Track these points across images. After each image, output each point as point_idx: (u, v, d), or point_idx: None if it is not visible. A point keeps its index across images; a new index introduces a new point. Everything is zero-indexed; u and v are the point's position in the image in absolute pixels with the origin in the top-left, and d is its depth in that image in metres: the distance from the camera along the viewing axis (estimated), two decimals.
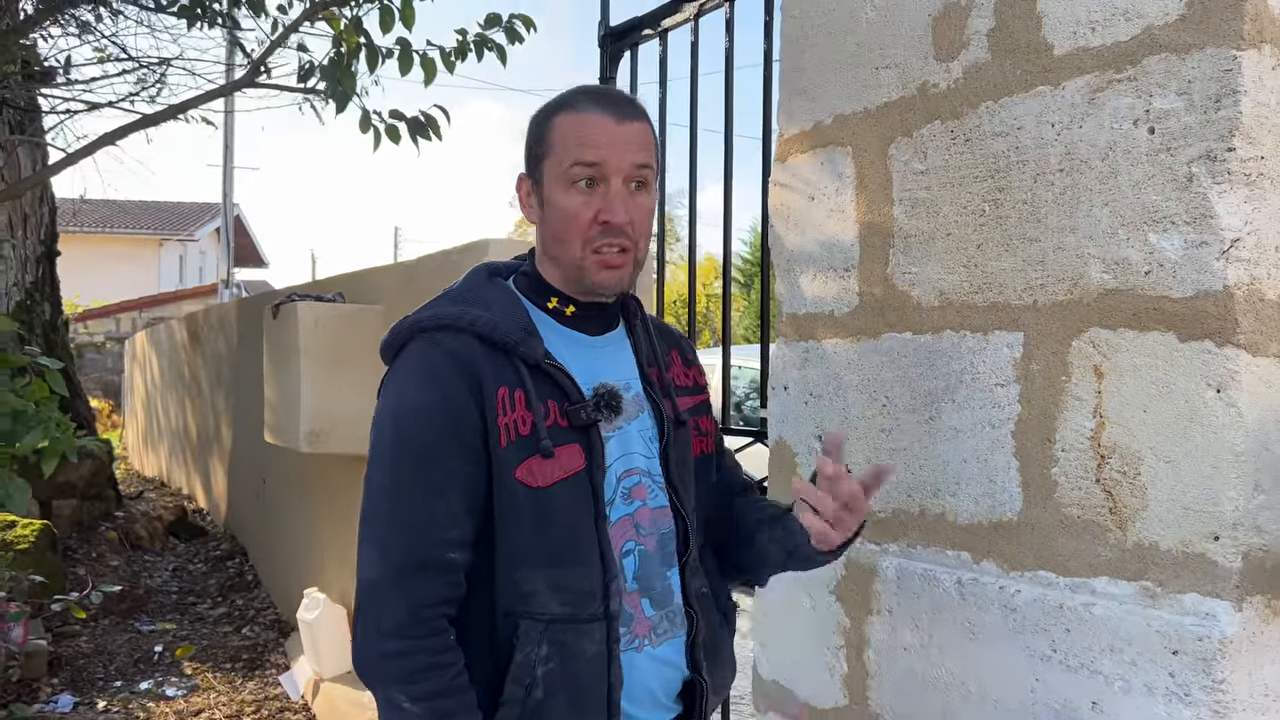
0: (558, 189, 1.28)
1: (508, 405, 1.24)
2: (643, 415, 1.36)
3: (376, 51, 3.65)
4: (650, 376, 1.38)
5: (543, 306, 1.34)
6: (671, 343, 1.50)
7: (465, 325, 1.27)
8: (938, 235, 1.58)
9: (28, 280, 7.38)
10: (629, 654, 1.29)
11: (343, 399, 3.63)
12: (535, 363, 1.27)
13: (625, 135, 1.28)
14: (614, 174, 1.27)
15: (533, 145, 1.33)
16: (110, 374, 16.10)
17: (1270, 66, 1.24)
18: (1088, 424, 1.37)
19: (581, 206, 1.27)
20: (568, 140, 1.28)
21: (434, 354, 1.27)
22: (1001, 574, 1.48)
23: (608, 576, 1.27)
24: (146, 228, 23.53)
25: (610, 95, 1.35)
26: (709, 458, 1.47)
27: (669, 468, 1.36)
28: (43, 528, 5.14)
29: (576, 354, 1.32)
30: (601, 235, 1.27)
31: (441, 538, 1.22)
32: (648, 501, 1.34)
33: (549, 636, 1.24)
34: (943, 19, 1.57)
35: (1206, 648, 1.22)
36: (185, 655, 4.88)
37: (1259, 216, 1.25)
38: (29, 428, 2.17)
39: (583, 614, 1.25)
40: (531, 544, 1.24)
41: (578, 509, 1.26)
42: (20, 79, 5.09)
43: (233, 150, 14.92)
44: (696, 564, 1.38)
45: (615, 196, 1.27)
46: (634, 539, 1.32)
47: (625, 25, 2.56)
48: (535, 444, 1.24)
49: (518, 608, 1.24)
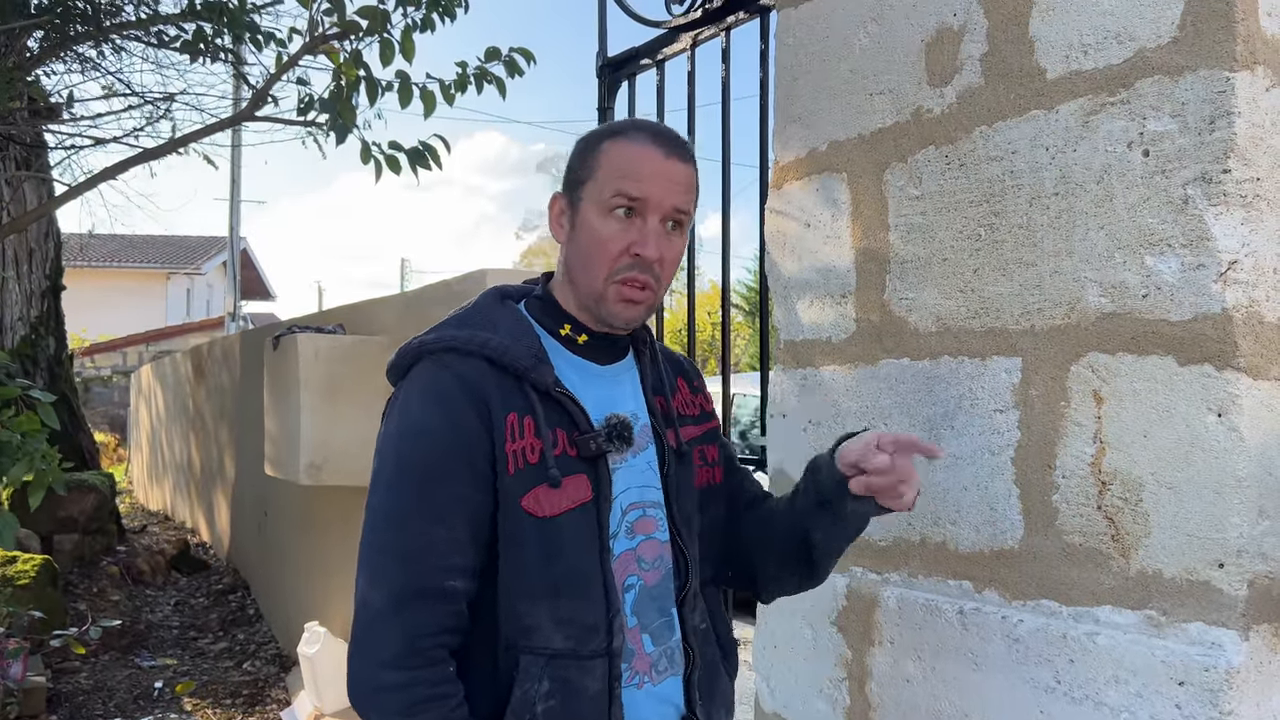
0: (594, 212, 1.27)
1: (517, 432, 1.21)
2: (650, 448, 1.33)
3: (376, 84, 3.67)
4: (655, 407, 1.36)
5: (554, 333, 1.32)
6: (678, 370, 1.47)
7: (475, 348, 1.25)
8: (934, 260, 1.57)
9: (32, 315, 7.41)
10: (629, 690, 1.26)
11: (343, 431, 3.62)
12: (545, 390, 1.24)
13: (672, 174, 1.27)
14: (654, 211, 1.26)
15: (576, 166, 1.32)
16: (116, 408, 16.13)
17: (1264, 88, 1.23)
18: (1088, 450, 1.35)
19: (616, 234, 1.26)
20: (614, 168, 1.27)
21: (441, 376, 1.24)
22: (1004, 603, 1.46)
23: (611, 611, 1.24)
24: (154, 261, 23.68)
25: (664, 133, 1.32)
26: (716, 488, 1.42)
27: (670, 501, 1.33)
28: (43, 563, 5.12)
29: (586, 383, 1.30)
30: (629, 267, 1.26)
31: (441, 565, 1.18)
32: (652, 535, 1.31)
33: (550, 672, 1.20)
34: (935, 44, 1.57)
35: (1213, 678, 1.20)
36: (185, 691, 4.83)
37: (1256, 238, 1.23)
38: (14, 460, 2.15)
39: (585, 649, 1.22)
40: (536, 575, 1.21)
41: (583, 541, 1.23)
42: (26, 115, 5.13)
43: (239, 184, 15.02)
44: (695, 599, 1.34)
45: (651, 231, 1.26)
46: (636, 573, 1.29)
47: (623, 56, 2.57)
48: (543, 473, 1.21)
49: (520, 641, 1.21)
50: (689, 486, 1.36)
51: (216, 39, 4.27)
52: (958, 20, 1.53)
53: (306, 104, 3.78)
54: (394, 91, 3.65)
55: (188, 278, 24.46)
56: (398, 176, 3.75)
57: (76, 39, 4.57)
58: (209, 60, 4.43)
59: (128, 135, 4.95)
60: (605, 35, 2.60)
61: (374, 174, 3.75)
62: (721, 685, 1.38)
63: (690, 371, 1.50)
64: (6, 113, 4.47)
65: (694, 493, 1.37)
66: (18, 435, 2.18)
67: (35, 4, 4.27)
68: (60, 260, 7.81)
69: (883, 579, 1.66)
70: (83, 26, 4.42)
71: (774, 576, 1.43)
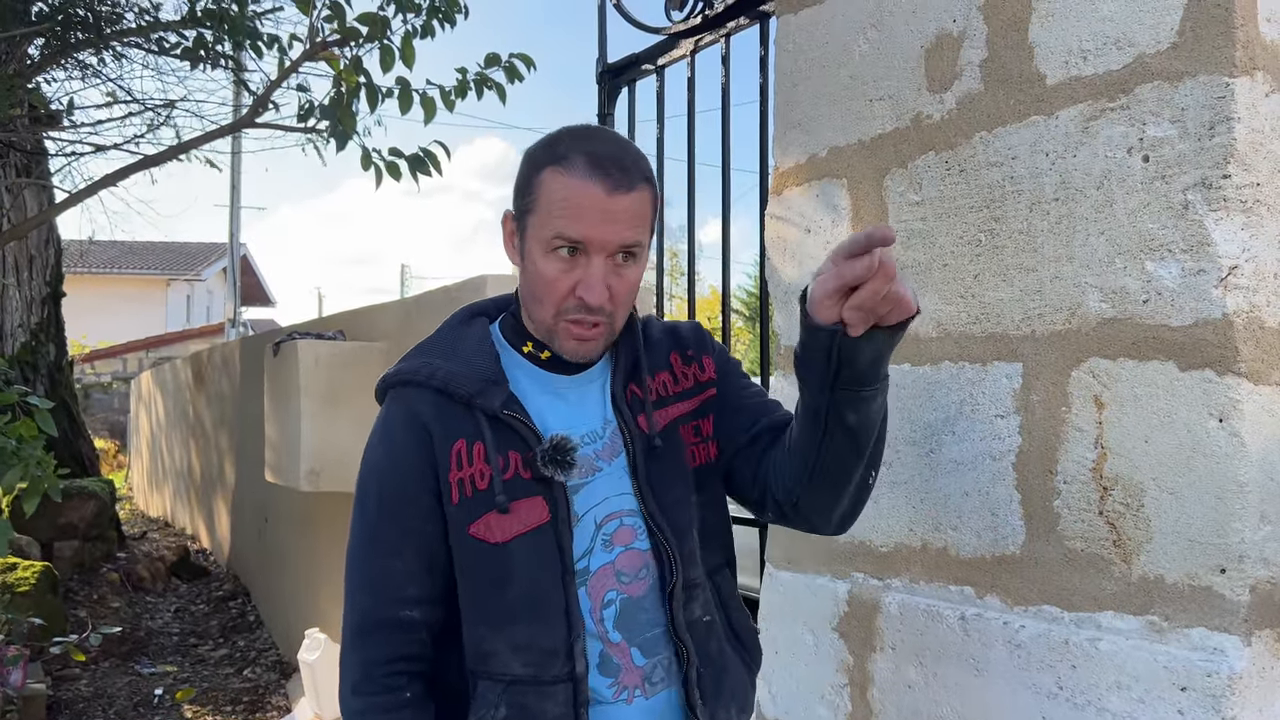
0: (538, 249, 1.20)
1: (464, 459, 1.22)
2: (624, 453, 1.29)
3: (376, 91, 3.68)
4: (623, 400, 1.29)
5: (518, 349, 1.30)
6: (673, 343, 1.39)
7: (423, 379, 1.26)
8: (934, 266, 1.57)
9: (33, 321, 7.41)
10: (617, 706, 1.24)
11: (343, 437, 3.62)
12: (493, 414, 1.23)
13: (616, 211, 1.17)
14: (597, 251, 1.18)
15: (521, 189, 1.24)
16: (117, 414, 16.11)
17: (1263, 93, 1.24)
18: (1089, 455, 1.35)
19: (559, 275, 1.19)
20: (554, 206, 1.18)
21: (393, 411, 1.28)
22: (1005, 609, 1.46)
23: (572, 636, 1.21)
24: (154, 268, 23.69)
25: (607, 160, 1.19)
26: (713, 465, 1.35)
27: (645, 500, 1.27)
28: (43, 569, 5.12)
29: (549, 398, 1.28)
30: (576, 309, 1.21)
31: (396, 596, 1.23)
32: (632, 545, 1.27)
33: (507, 699, 1.21)
34: (935, 50, 1.57)
35: (1215, 684, 1.19)
36: (186, 698, 4.82)
37: (1256, 243, 1.24)
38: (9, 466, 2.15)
39: (545, 675, 1.21)
40: (490, 602, 1.22)
41: (540, 565, 1.21)
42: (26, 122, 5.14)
43: (239, 190, 15.07)
44: (691, 591, 1.29)
45: (595, 274, 1.18)
46: (615, 588, 1.26)
47: (623, 62, 2.57)
48: (492, 499, 1.21)
49: (478, 667, 1.23)
50: (676, 473, 1.30)
51: (217, 45, 4.28)
52: (957, 26, 1.54)
53: (307, 110, 3.78)
54: (394, 98, 3.65)
55: (188, 284, 24.46)
56: (398, 183, 3.76)
57: (77, 46, 4.58)
58: (209, 67, 4.45)
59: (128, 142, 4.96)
60: (605, 41, 2.61)
61: (374, 180, 3.75)
62: (731, 680, 1.32)
63: (687, 339, 1.40)
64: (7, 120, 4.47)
65: (686, 476, 1.31)
66: (13, 441, 2.18)
67: (36, 11, 4.28)
68: (60, 267, 7.82)
69: (884, 585, 1.66)
70: (83, 34, 4.43)
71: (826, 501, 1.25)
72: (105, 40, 4.55)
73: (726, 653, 1.33)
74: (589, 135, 1.25)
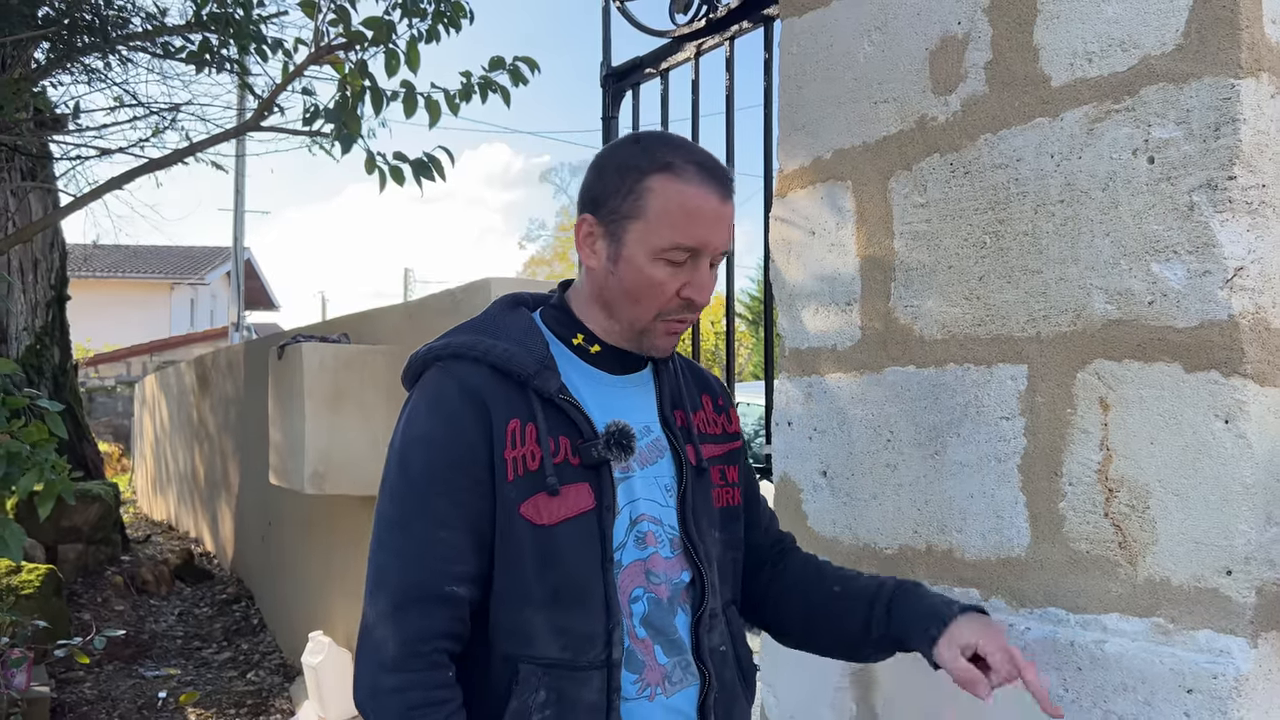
0: (644, 255, 1.23)
1: (518, 439, 1.21)
2: (661, 461, 1.31)
3: (381, 94, 3.68)
4: (673, 420, 1.33)
5: (567, 341, 1.31)
6: (703, 387, 1.44)
7: (479, 354, 1.25)
8: (939, 268, 1.57)
9: (37, 325, 7.42)
10: (640, 702, 1.24)
11: (347, 440, 3.62)
12: (549, 397, 1.23)
13: (726, 217, 1.25)
14: (707, 255, 1.25)
15: (612, 194, 1.25)
16: (120, 418, 16.13)
17: (1269, 94, 1.24)
18: (1095, 457, 1.35)
19: (669, 278, 1.24)
20: (672, 214, 1.22)
21: (445, 383, 1.24)
22: (1011, 611, 1.45)
23: (611, 622, 1.22)
24: (158, 272, 23.74)
25: (716, 169, 1.26)
26: (734, 510, 1.39)
27: (685, 517, 1.30)
28: (48, 572, 5.12)
29: (595, 391, 1.29)
30: (680, 310, 1.26)
31: (443, 570, 1.19)
32: (659, 550, 1.28)
33: (547, 682, 1.20)
34: (940, 52, 1.57)
35: (1221, 686, 1.19)
36: (189, 701, 4.82)
37: (1262, 245, 1.23)
38: (24, 470, 2.16)
39: (582, 660, 1.21)
40: (534, 583, 1.21)
41: (584, 550, 1.22)
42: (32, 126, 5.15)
43: (244, 194, 15.10)
44: (714, 620, 1.31)
45: (706, 277, 1.25)
46: (644, 585, 1.27)
47: (627, 65, 2.58)
48: (542, 480, 1.21)
49: (519, 650, 1.20)
50: (704, 507, 1.33)
51: (222, 50, 4.29)
52: (962, 28, 1.54)
53: (312, 114, 3.79)
54: (399, 101, 3.66)
55: (192, 288, 24.52)
56: (401, 188, 3.76)
57: (83, 50, 4.60)
58: (214, 71, 4.45)
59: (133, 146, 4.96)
60: (609, 45, 2.61)
61: (378, 185, 3.76)
62: (739, 711, 1.35)
63: (717, 390, 1.47)
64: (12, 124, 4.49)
65: (712, 513, 1.34)
66: (27, 446, 2.19)
67: (42, 15, 4.29)
68: (65, 270, 7.82)
69: None
70: (89, 38, 4.44)
71: (802, 634, 1.45)
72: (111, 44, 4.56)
73: (736, 686, 1.35)
74: (683, 143, 1.31)
